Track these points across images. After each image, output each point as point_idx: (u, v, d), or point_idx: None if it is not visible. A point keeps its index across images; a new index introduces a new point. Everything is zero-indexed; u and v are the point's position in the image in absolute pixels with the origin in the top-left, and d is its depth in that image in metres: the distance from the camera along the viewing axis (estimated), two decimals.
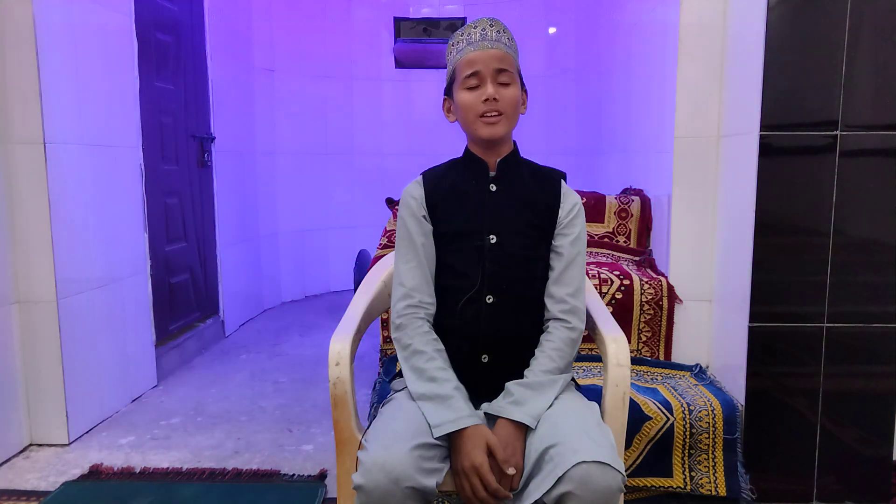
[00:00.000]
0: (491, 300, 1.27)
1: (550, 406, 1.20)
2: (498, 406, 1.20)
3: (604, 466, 1.04)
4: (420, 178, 1.36)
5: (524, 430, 1.17)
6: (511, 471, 1.11)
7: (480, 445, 1.12)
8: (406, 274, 1.30)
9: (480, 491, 1.10)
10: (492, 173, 1.32)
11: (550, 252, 1.32)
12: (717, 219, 2.03)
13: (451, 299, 1.29)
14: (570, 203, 1.33)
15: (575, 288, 1.30)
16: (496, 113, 1.26)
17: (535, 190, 1.33)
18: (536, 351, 1.27)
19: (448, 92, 1.34)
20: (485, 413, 1.24)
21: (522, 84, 1.32)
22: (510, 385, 1.22)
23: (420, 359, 1.23)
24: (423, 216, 1.31)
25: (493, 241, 1.28)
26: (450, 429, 1.12)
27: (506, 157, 1.32)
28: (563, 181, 1.36)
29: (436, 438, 1.13)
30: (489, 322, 1.27)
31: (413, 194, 1.33)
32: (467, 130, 1.32)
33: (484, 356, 1.27)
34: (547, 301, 1.30)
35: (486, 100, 1.25)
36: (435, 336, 1.27)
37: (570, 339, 1.27)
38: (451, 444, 1.16)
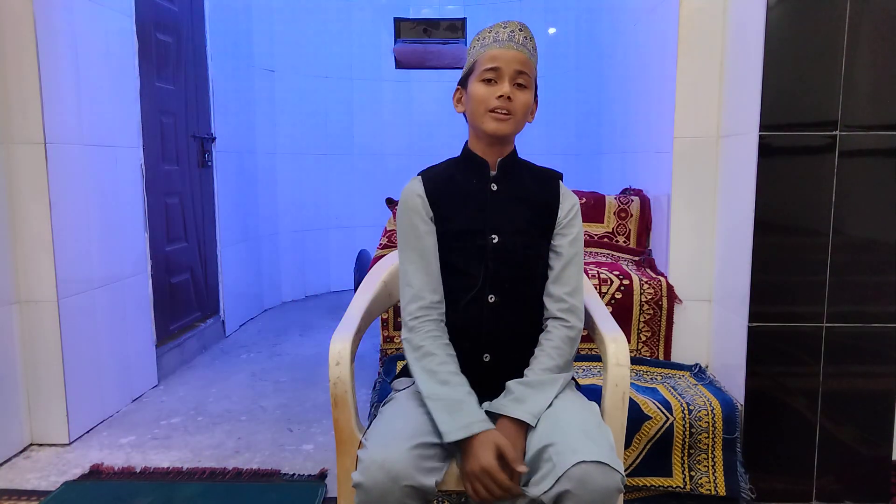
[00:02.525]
0: (493, 299, 1.28)
1: (550, 405, 1.20)
2: (499, 404, 1.21)
3: (603, 466, 1.04)
4: (419, 177, 1.35)
5: (525, 427, 1.18)
6: (522, 468, 1.11)
7: (489, 447, 1.12)
8: (414, 275, 1.29)
9: (496, 490, 1.10)
10: (492, 172, 1.32)
11: (549, 252, 1.32)
12: (717, 219, 2.04)
13: (452, 298, 1.29)
14: (570, 203, 1.34)
15: (573, 287, 1.30)
16: (506, 112, 1.26)
17: (535, 190, 1.33)
18: (536, 350, 1.28)
19: (462, 83, 1.34)
20: (486, 411, 1.24)
21: (535, 94, 1.33)
22: (511, 384, 1.23)
23: (432, 361, 1.22)
24: (430, 217, 1.31)
25: (495, 241, 1.28)
26: (462, 435, 1.12)
27: (506, 156, 1.33)
28: (560, 181, 1.37)
29: (438, 440, 1.13)
30: (491, 321, 1.27)
31: (416, 192, 1.31)
32: (474, 123, 1.31)
33: (485, 355, 1.28)
34: (546, 300, 1.31)
35: (501, 96, 1.25)
36: (447, 340, 1.27)
37: (568, 337, 1.28)
38: (460, 448, 1.15)
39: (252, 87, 3.91)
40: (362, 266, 3.52)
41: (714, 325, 2.07)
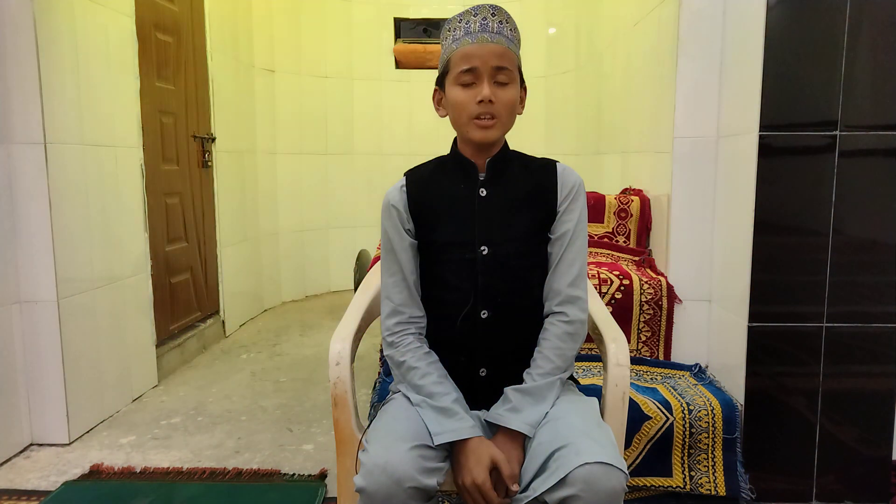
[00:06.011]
0: (485, 315, 1.22)
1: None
2: (496, 414, 1.17)
3: (607, 467, 1.01)
4: (403, 180, 1.27)
5: (521, 437, 1.16)
6: (515, 487, 1.10)
7: (483, 462, 1.10)
8: (392, 288, 1.26)
9: None
10: (481, 176, 1.24)
11: (548, 243, 1.25)
12: (717, 219, 2.04)
13: (445, 313, 1.24)
14: (570, 184, 1.24)
15: (574, 276, 1.22)
16: (490, 116, 1.17)
17: (528, 186, 1.24)
18: (535, 352, 1.23)
19: (440, 83, 1.24)
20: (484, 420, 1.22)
21: (522, 80, 1.22)
22: (508, 391, 1.19)
23: (415, 375, 1.20)
24: (408, 230, 1.25)
25: (484, 253, 1.21)
26: (451, 438, 1.11)
27: (496, 155, 1.24)
28: (556, 165, 1.27)
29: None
30: (485, 337, 1.23)
31: (395, 203, 1.25)
32: (458, 130, 1.23)
33: (482, 370, 1.24)
34: (545, 296, 1.25)
35: (482, 101, 1.15)
36: (427, 350, 1.24)
37: (566, 332, 1.21)
38: (452, 453, 1.14)
39: (252, 87, 3.91)
40: (362, 266, 3.52)
41: (714, 326, 2.07)
